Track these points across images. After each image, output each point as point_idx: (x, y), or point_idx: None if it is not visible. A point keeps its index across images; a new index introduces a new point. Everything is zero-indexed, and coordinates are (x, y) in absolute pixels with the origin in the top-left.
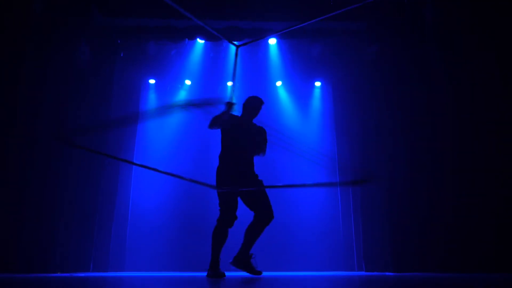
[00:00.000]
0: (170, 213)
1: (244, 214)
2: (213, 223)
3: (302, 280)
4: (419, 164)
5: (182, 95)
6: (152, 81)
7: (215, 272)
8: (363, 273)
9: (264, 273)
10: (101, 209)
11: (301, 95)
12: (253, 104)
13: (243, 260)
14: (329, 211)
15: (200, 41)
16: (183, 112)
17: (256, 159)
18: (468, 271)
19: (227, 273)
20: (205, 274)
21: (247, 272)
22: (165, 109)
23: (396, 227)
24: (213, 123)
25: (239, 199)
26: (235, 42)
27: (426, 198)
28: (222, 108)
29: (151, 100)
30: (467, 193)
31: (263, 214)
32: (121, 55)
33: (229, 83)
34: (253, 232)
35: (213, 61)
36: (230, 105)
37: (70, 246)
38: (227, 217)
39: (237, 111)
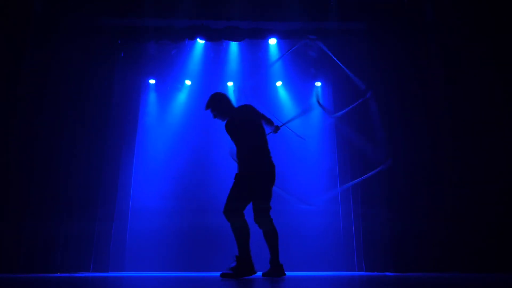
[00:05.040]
0: (171, 213)
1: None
2: (213, 223)
3: (302, 280)
4: (419, 164)
5: (182, 96)
6: (152, 81)
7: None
8: (363, 273)
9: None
10: (101, 209)
11: (301, 95)
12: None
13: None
14: (329, 211)
15: (200, 41)
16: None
17: None
18: (468, 271)
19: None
20: (204, 274)
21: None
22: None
23: (396, 227)
24: None
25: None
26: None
27: (426, 198)
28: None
29: (151, 100)
30: (467, 193)
31: None
32: (121, 55)
33: (230, 83)
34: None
35: (213, 61)
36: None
37: (70, 246)
38: None
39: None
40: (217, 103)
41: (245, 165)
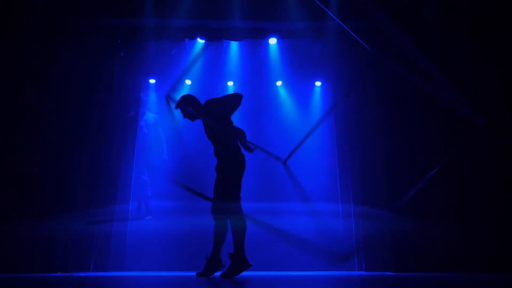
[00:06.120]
0: (171, 213)
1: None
2: (214, 223)
3: (302, 280)
4: (419, 163)
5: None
6: (152, 81)
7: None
8: (363, 273)
9: (264, 273)
10: (101, 208)
11: (301, 95)
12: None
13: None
14: (329, 211)
15: (200, 41)
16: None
17: None
18: (468, 271)
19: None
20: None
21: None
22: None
23: (396, 226)
24: None
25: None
26: None
27: (426, 198)
28: None
29: (151, 100)
30: (467, 193)
31: None
32: (122, 55)
33: (230, 83)
34: None
35: (213, 61)
36: None
37: (70, 246)
38: None
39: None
40: (183, 103)
41: (219, 161)
